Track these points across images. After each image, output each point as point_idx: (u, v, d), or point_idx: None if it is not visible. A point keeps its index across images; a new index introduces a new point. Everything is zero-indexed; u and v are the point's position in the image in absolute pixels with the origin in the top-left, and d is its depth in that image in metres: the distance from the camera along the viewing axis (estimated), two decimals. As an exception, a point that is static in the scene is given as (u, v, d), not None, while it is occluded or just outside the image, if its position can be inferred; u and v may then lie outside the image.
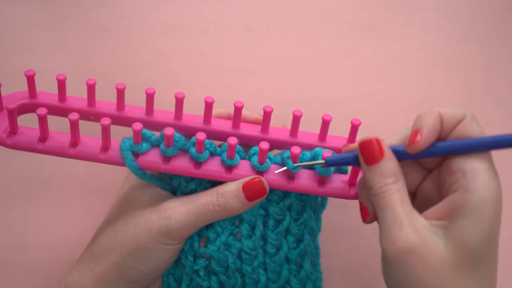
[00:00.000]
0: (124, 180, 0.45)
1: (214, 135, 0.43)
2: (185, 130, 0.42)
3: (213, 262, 0.41)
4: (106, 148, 0.39)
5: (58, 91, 0.41)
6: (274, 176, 0.40)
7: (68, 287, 0.40)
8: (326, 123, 0.42)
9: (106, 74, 0.51)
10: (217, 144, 0.42)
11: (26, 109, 0.41)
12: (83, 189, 0.51)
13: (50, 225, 0.51)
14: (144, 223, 0.39)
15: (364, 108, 0.53)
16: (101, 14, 0.51)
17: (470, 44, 0.55)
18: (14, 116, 0.38)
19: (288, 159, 0.39)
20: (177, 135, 0.39)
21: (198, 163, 0.40)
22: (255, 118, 0.44)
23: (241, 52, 0.53)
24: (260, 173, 0.40)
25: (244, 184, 0.39)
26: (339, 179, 0.41)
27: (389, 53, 0.54)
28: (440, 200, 0.35)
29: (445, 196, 0.35)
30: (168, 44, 0.52)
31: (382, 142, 0.36)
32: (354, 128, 0.42)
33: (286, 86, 0.53)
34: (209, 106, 0.41)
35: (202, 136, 0.38)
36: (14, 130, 0.39)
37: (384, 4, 0.54)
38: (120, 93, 0.41)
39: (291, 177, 0.40)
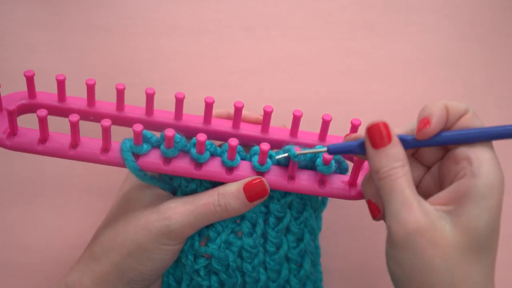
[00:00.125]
0: (124, 180, 0.45)
1: (214, 135, 0.43)
2: (185, 130, 0.42)
3: (213, 261, 0.41)
4: (106, 149, 0.39)
5: (58, 91, 0.41)
6: (275, 176, 0.40)
7: (68, 287, 0.40)
8: (326, 123, 0.42)
9: (106, 74, 0.51)
10: (217, 144, 0.42)
11: (25, 109, 0.41)
12: (83, 189, 0.51)
13: (50, 225, 0.51)
14: (144, 224, 0.39)
15: (364, 108, 0.53)
16: (101, 14, 0.51)
17: (470, 44, 0.55)
18: (14, 117, 0.38)
19: (290, 147, 0.39)
20: (177, 136, 0.38)
21: (198, 164, 0.40)
22: (255, 118, 0.44)
23: (241, 52, 0.52)
24: (260, 173, 0.40)
25: (245, 184, 0.39)
26: (340, 180, 0.41)
27: (389, 53, 0.54)
28: None
29: (449, 185, 0.35)
30: (168, 44, 0.52)
31: (390, 127, 0.36)
32: (354, 128, 0.42)
33: (286, 86, 0.53)
34: (209, 106, 0.41)
35: (203, 137, 0.38)
36: (14, 131, 0.38)
37: (384, 4, 0.54)
38: (120, 93, 0.41)
39: (292, 177, 0.40)
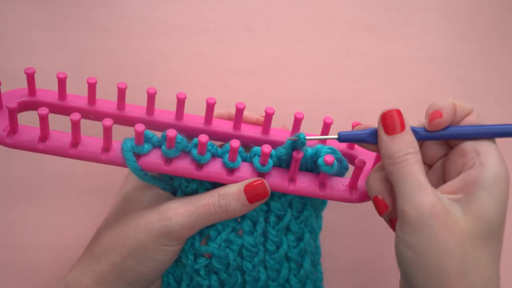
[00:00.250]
0: (123, 180, 0.45)
1: (215, 136, 0.43)
2: (186, 131, 0.42)
3: (214, 260, 0.41)
4: (107, 148, 0.39)
5: (58, 89, 0.41)
6: (275, 178, 0.40)
7: (68, 287, 0.40)
8: (327, 126, 0.42)
9: (106, 74, 0.51)
10: (217, 144, 0.42)
11: (25, 106, 0.41)
12: (83, 189, 0.51)
13: (50, 225, 0.51)
14: (144, 224, 0.39)
15: (364, 108, 0.53)
16: (101, 14, 0.51)
17: (470, 44, 0.55)
18: (14, 114, 0.37)
19: (300, 133, 0.39)
20: (179, 137, 0.38)
21: (199, 165, 0.40)
22: (256, 119, 0.44)
23: (241, 52, 0.52)
24: (261, 175, 0.40)
25: (245, 186, 0.39)
26: (340, 183, 0.41)
27: (389, 53, 0.54)
28: None
29: (456, 177, 0.36)
30: (168, 44, 0.52)
31: (403, 115, 0.36)
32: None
33: (286, 86, 0.53)
34: (210, 107, 0.41)
35: (205, 138, 0.38)
36: (14, 129, 0.38)
37: (384, 4, 0.54)
38: (121, 92, 0.41)
39: (292, 179, 0.40)
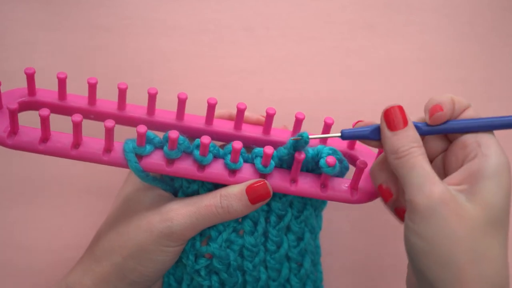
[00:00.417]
0: (124, 181, 0.45)
1: (216, 136, 0.43)
2: (187, 131, 0.42)
3: (214, 260, 0.41)
4: (108, 149, 0.39)
5: (59, 89, 0.41)
6: (277, 179, 0.40)
7: (68, 287, 0.40)
8: (328, 126, 0.42)
9: (106, 74, 0.51)
10: (218, 144, 0.42)
11: (25, 106, 0.41)
12: (83, 189, 0.51)
13: (50, 225, 0.51)
14: (146, 225, 0.39)
15: (364, 108, 0.53)
16: (101, 14, 0.51)
17: (470, 44, 0.55)
18: (15, 115, 0.37)
19: (303, 132, 0.39)
20: (181, 138, 0.38)
21: (201, 166, 0.39)
22: (256, 119, 0.44)
23: (241, 52, 0.52)
24: (263, 175, 0.40)
25: (247, 187, 0.39)
26: (342, 184, 0.41)
27: (389, 53, 0.54)
28: None
29: (458, 169, 0.36)
30: (168, 44, 0.52)
31: (405, 111, 0.37)
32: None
33: (286, 86, 0.53)
34: (211, 107, 0.41)
35: (207, 139, 0.38)
36: (14, 130, 0.38)
37: (384, 4, 0.54)
38: (121, 92, 0.41)
39: (294, 180, 0.40)
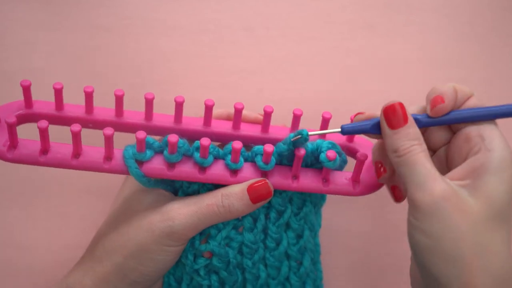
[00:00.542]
0: (123, 183, 0.45)
1: (215, 137, 0.43)
2: (185, 133, 0.42)
3: (214, 258, 0.41)
4: (109, 157, 0.39)
5: (55, 100, 0.40)
6: (279, 176, 0.40)
7: (69, 287, 0.40)
8: (326, 121, 0.42)
9: (106, 74, 0.51)
10: (217, 144, 0.42)
11: (23, 119, 0.41)
12: (83, 189, 0.51)
13: (50, 225, 0.51)
14: (147, 225, 0.39)
15: (364, 108, 0.53)
16: (101, 14, 0.51)
17: (470, 44, 0.54)
18: (14, 129, 0.37)
19: (303, 129, 0.39)
20: (180, 141, 0.38)
21: (202, 168, 0.39)
22: (254, 117, 0.44)
23: (241, 52, 0.52)
24: (264, 173, 0.40)
25: (249, 186, 0.39)
26: (343, 177, 0.41)
27: (389, 53, 0.54)
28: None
29: (461, 163, 0.36)
30: (168, 44, 0.52)
31: (405, 107, 0.36)
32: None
33: (286, 86, 0.53)
34: (209, 108, 0.41)
35: (207, 141, 0.38)
36: (14, 144, 0.38)
37: (384, 4, 0.54)
38: (118, 99, 0.40)
39: (296, 176, 0.40)
